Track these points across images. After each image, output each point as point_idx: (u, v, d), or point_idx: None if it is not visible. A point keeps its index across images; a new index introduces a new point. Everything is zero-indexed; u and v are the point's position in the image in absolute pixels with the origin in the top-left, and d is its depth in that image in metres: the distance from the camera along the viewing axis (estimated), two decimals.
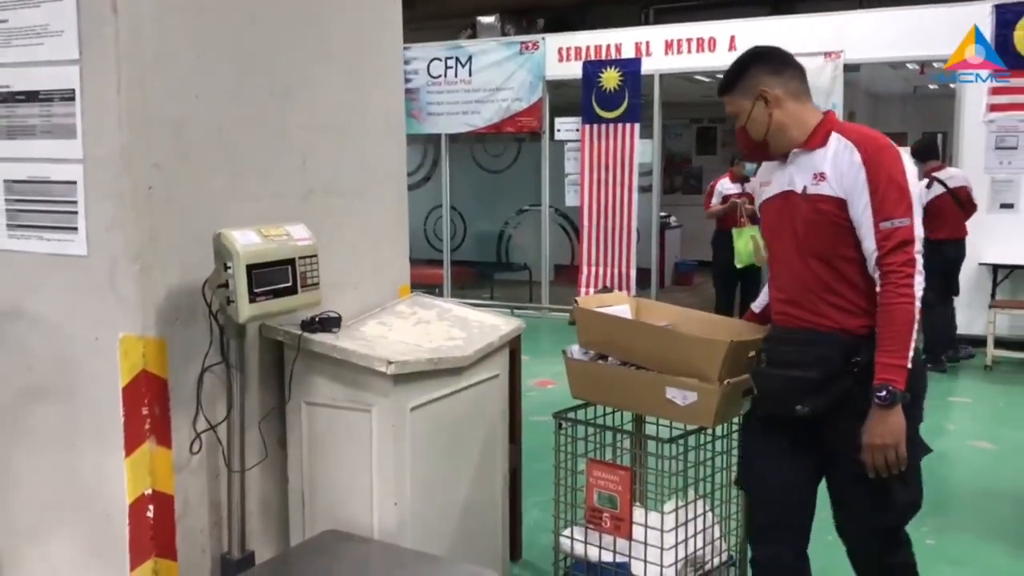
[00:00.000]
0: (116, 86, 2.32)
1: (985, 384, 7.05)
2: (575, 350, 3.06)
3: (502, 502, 3.23)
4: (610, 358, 2.84)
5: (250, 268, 2.36)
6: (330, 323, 2.77)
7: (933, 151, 7.90)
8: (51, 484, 2.61)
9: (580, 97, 9.37)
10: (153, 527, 2.45)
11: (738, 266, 7.76)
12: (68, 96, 2.41)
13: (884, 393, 2.21)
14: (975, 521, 4.36)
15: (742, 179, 7.90)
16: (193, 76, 2.50)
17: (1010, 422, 5.91)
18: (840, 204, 2.31)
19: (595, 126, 9.31)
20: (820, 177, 2.34)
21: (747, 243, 7.61)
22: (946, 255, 7.09)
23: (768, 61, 2.46)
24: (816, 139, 2.39)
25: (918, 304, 2.24)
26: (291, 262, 2.50)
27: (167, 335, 2.46)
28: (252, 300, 2.37)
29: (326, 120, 2.96)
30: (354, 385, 2.67)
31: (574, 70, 9.38)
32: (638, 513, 2.89)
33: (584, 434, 2.96)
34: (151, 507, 2.45)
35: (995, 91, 7.93)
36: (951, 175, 7.42)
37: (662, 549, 2.77)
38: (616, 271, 9.34)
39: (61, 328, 2.53)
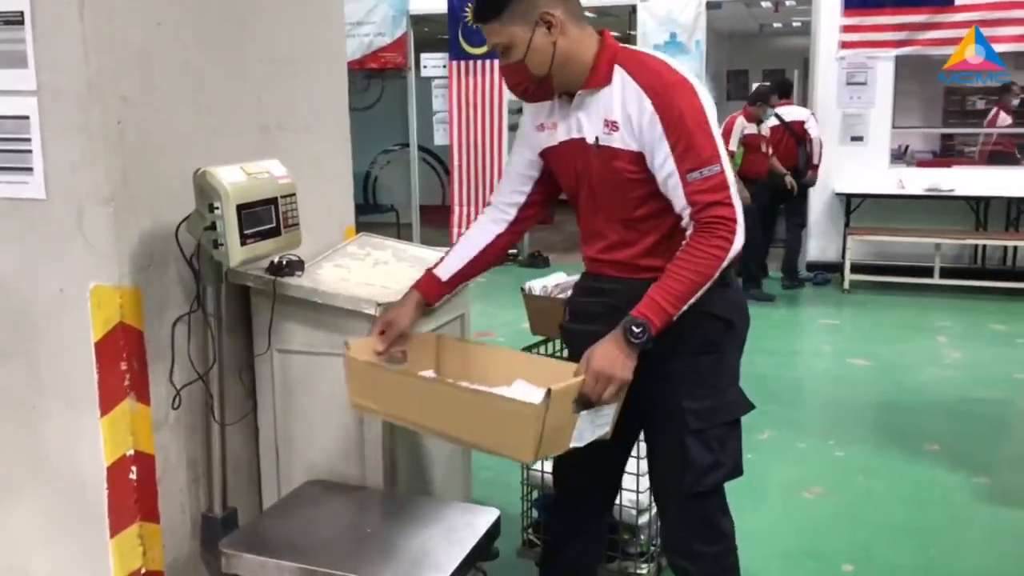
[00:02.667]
0: (79, 11, 2.08)
1: (847, 307, 7.56)
2: (535, 286, 3.05)
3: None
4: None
5: (239, 208, 2.20)
6: (295, 266, 2.63)
7: (786, 88, 8.42)
8: (14, 453, 2.38)
9: (446, 32, 9.20)
10: (136, 489, 2.29)
11: None
12: (15, 20, 2.14)
13: (639, 330, 1.90)
14: (871, 431, 4.72)
15: (758, 120, 7.57)
16: (154, 0, 2.28)
17: (878, 340, 6.37)
18: (636, 158, 2.00)
19: (463, 62, 9.17)
20: (612, 126, 2.00)
21: None
22: (773, 182, 7.77)
23: None
24: (599, 75, 2.01)
25: (724, 265, 1.93)
26: (274, 201, 2.35)
27: (141, 284, 2.27)
28: (244, 242, 2.21)
29: (277, 52, 2.77)
30: (335, 329, 2.55)
31: (439, 3, 9.18)
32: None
33: None
34: (134, 468, 2.28)
35: (846, 28, 8.36)
36: (789, 111, 8.03)
37: (638, 475, 2.84)
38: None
39: (17, 280, 2.28)
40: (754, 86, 10.15)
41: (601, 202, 2.10)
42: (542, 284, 3.29)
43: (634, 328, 1.90)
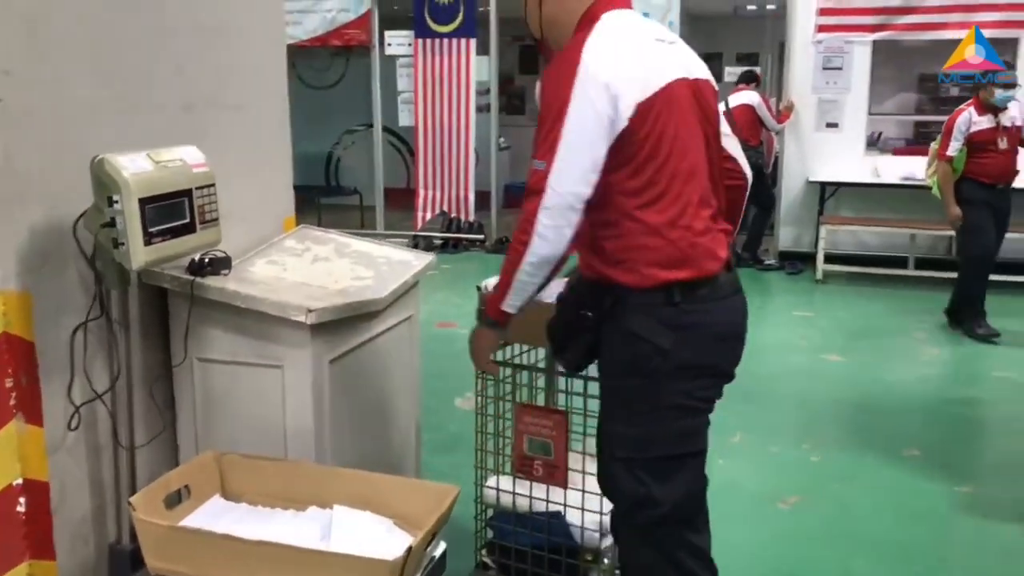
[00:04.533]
0: None
1: (821, 298, 7.35)
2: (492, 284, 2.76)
3: (415, 455, 2.93)
4: None
5: (143, 202, 1.90)
6: (220, 264, 2.34)
7: (748, 76, 8.40)
8: None
9: (412, 9, 8.85)
10: (26, 523, 1.99)
11: None
12: None
13: (482, 309, 2.05)
14: (847, 434, 4.49)
15: (992, 109, 5.85)
16: None
17: (853, 334, 6.17)
18: None
19: (429, 41, 8.83)
20: None
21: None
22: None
23: None
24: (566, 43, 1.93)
25: (528, 259, 1.82)
26: (188, 193, 2.05)
27: (31, 287, 1.96)
28: (148, 242, 1.92)
29: (205, 18, 2.46)
30: (260, 337, 2.28)
31: None
32: (573, 458, 2.68)
33: (502, 377, 2.67)
34: (22, 499, 1.98)
35: (823, 12, 8.13)
36: (736, 96, 8.05)
37: (601, 497, 2.58)
38: (454, 194, 9.01)
39: None
40: (727, 70, 9.95)
41: None
42: None
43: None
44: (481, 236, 8.99)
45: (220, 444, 2.34)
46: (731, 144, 2.21)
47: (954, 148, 5.87)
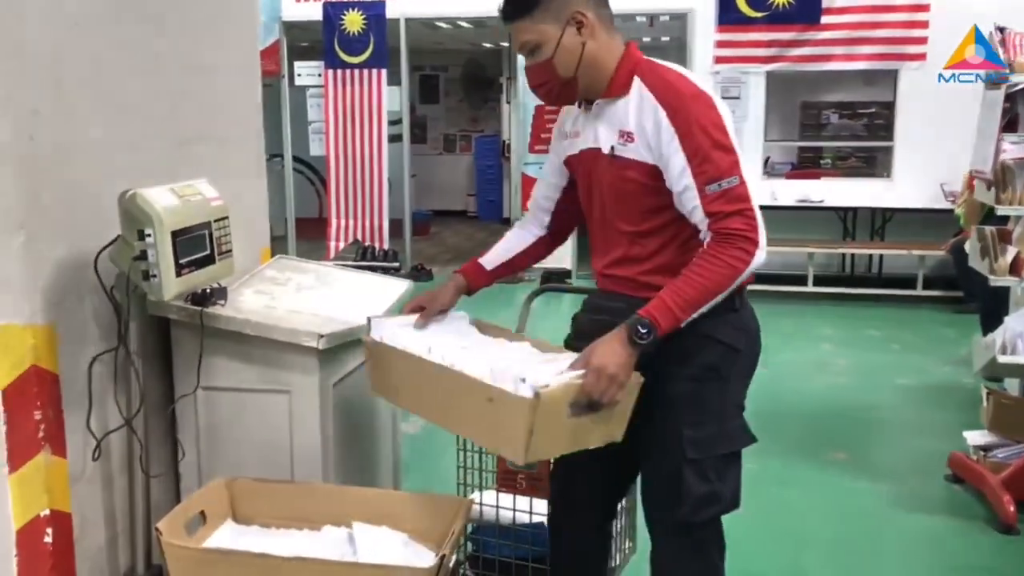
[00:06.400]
0: None
1: None
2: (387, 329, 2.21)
3: (394, 475, 3.02)
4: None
5: (174, 235, 1.97)
6: (218, 295, 2.40)
7: None
8: None
9: (321, 39, 8.91)
10: (52, 554, 2.01)
11: None
12: None
13: (646, 331, 1.83)
14: (777, 441, 4.74)
15: None
16: None
17: (767, 348, 6.40)
18: (650, 171, 1.94)
19: (339, 71, 8.88)
20: (628, 137, 1.95)
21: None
22: None
23: None
24: (618, 84, 1.97)
25: (740, 280, 1.89)
26: (207, 226, 2.13)
27: (56, 320, 2.00)
28: (179, 273, 1.98)
29: (192, 56, 2.53)
30: (267, 364, 2.35)
31: (314, 10, 8.88)
32: None
33: None
34: (48, 531, 2.00)
35: (720, 44, 8.58)
36: None
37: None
38: (367, 223, 9.06)
39: None
40: None
41: (611, 214, 2.04)
42: (393, 325, 2.26)
43: (640, 328, 1.83)
44: (396, 264, 9.05)
45: (224, 470, 2.38)
46: None
47: None
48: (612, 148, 1.98)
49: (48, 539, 2.00)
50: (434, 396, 2.05)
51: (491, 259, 2.29)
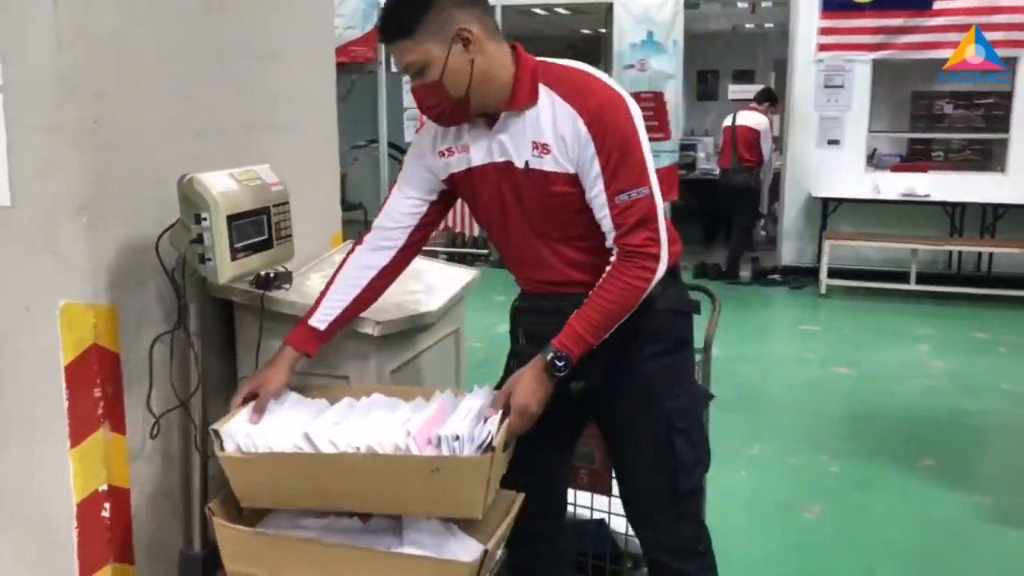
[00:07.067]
0: None
1: (826, 312, 7.47)
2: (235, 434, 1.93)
3: None
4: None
5: (230, 219, 1.99)
6: (282, 279, 2.42)
7: (766, 96, 8.61)
8: None
9: None
10: (110, 528, 2.07)
11: None
12: None
13: (563, 364, 1.88)
14: (863, 445, 4.59)
15: None
16: None
17: (860, 347, 6.28)
18: (572, 179, 1.90)
19: None
20: (542, 149, 1.89)
21: None
22: (718, 182, 8.61)
23: None
24: (522, 95, 1.89)
25: (645, 295, 1.90)
26: (266, 211, 2.14)
27: (118, 301, 2.04)
28: (234, 257, 2.00)
29: (262, 42, 2.55)
30: (327, 349, 2.35)
31: None
32: None
33: None
34: (107, 505, 2.06)
35: (823, 31, 8.28)
36: (745, 116, 8.33)
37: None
38: (459, 210, 9.07)
39: None
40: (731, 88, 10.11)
41: (539, 225, 1.99)
42: (239, 428, 1.96)
43: (557, 362, 1.89)
44: (486, 251, 9.08)
45: None
46: None
47: None
48: (527, 163, 1.91)
49: (106, 513, 2.05)
50: (350, 487, 1.90)
51: (324, 316, 2.10)
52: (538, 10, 9.58)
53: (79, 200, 1.94)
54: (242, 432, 1.92)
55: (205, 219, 1.96)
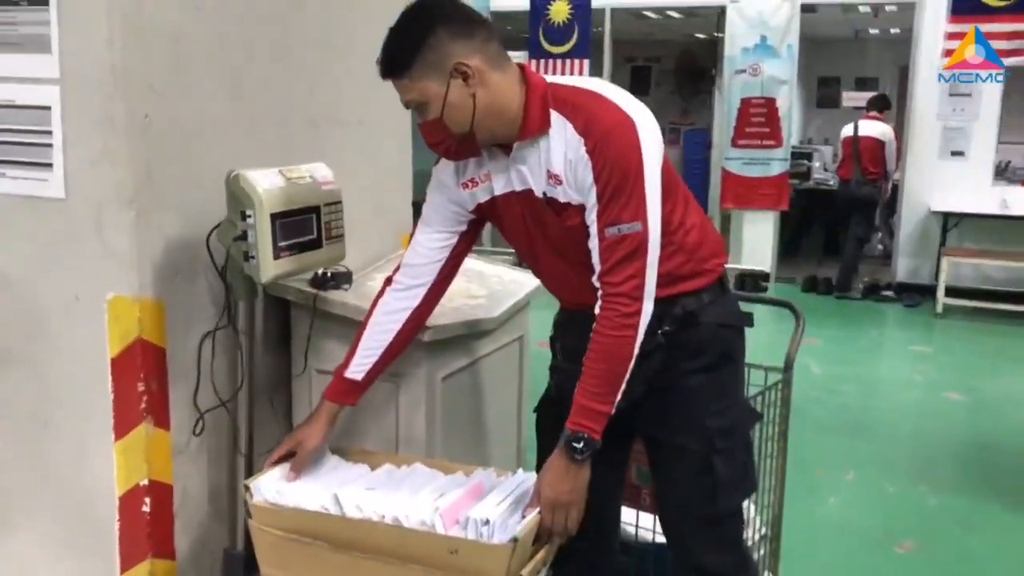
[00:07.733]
0: None
1: (940, 333, 7.06)
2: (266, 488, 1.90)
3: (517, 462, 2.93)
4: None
5: (274, 217, 1.96)
6: (341, 279, 2.39)
7: (881, 102, 8.30)
8: (20, 470, 2.19)
9: (527, 31, 8.93)
10: (150, 523, 2.07)
11: None
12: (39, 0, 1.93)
13: (581, 445, 1.76)
14: (967, 477, 4.28)
15: None
16: None
17: (975, 372, 5.90)
18: (582, 210, 1.80)
19: (543, 61, 8.88)
20: (555, 180, 1.80)
21: None
22: (837, 192, 8.37)
23: (450, 20, 1.74)
24: (533, 123, 1.78)
25: (639, 338, 1.76)
26: (316, 210, 2.11)
27: (165, 296, 2.04)
28: (277, 256, 1.97)
29: (329, 36, 2.53)
30: None
31: (521, 1, 8.92)
32: None
33: None
34: (147, 500, 2.06)
35: (951, 36, 7.83)
36: (868, 125, 8.00)
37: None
38: None
39: (33, 286, 2.08)
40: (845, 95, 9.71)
41: (563, 250, 1.90)
42: (274, 482, 1.94)
43: (575, 443, 1.77)
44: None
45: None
46: None
47: None
48: (544, 193, 1.82)
49: (146, 508, 2.05)
50: (370, 556, 1.82)
51: (360, 364, 2.01)
52: (649, 13, 9.40)
53: (128, 193, 1.95)
54: (273, 489, 1.88)
55: (250, 216, 1.94)
